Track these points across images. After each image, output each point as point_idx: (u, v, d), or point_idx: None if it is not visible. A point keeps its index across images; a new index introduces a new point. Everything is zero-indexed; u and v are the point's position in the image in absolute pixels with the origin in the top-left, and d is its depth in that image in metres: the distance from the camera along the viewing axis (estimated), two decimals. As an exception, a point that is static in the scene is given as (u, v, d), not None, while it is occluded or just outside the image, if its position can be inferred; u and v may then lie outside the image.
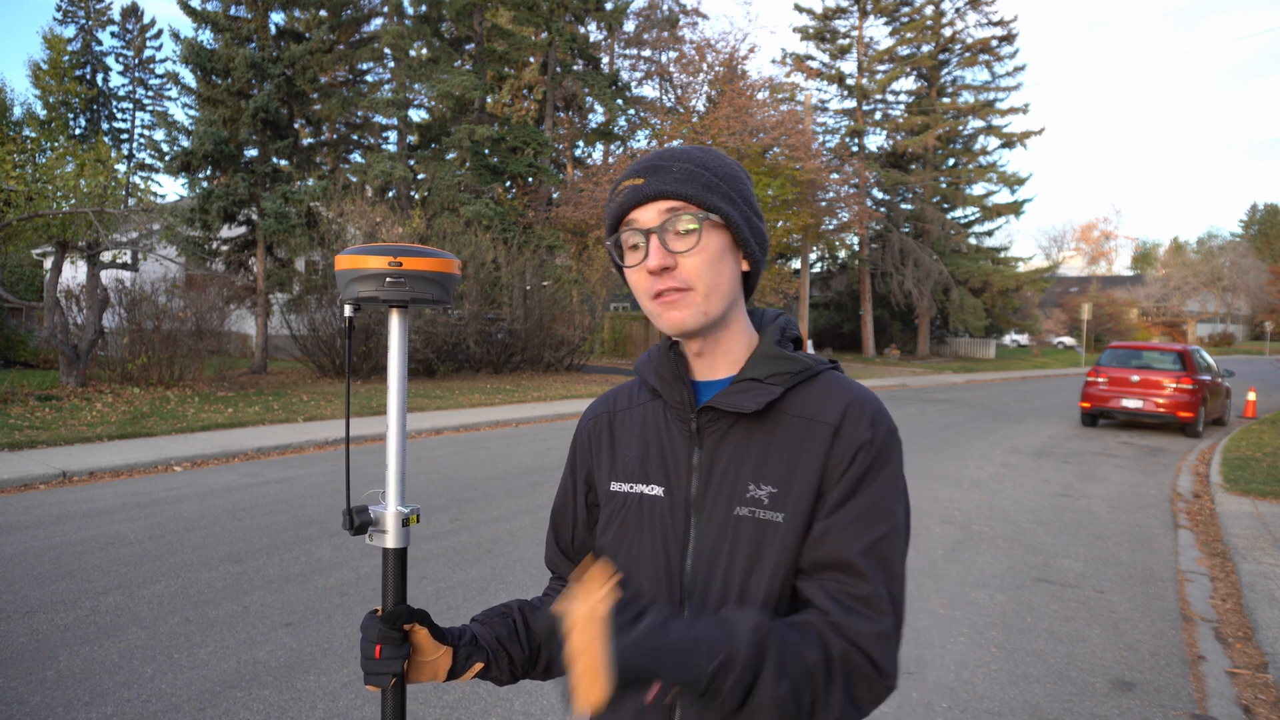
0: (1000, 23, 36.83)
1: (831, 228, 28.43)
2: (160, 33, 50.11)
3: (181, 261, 19.55)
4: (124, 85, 49.70)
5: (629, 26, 30.95)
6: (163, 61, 49.36)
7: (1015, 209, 37.58)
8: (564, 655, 0.92)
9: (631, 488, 1.15)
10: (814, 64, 37.63)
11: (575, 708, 0.90)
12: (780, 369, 1.09)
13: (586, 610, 0.91)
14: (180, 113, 58.86)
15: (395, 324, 1.12)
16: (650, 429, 1.17)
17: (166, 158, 22.23)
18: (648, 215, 1.06)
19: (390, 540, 1.11)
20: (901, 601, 1.02)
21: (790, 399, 1.09)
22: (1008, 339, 52.05)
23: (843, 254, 39.55)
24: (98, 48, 48.18)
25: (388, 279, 1.06)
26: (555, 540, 1.30)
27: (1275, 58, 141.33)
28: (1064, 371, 32.44)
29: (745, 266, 1.12)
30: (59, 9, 46.54)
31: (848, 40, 37.41)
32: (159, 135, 43.23)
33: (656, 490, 1.12)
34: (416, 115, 26.07)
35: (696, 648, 0.92)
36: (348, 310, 1.12)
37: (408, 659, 1.09)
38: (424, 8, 22.29)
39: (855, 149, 35.99)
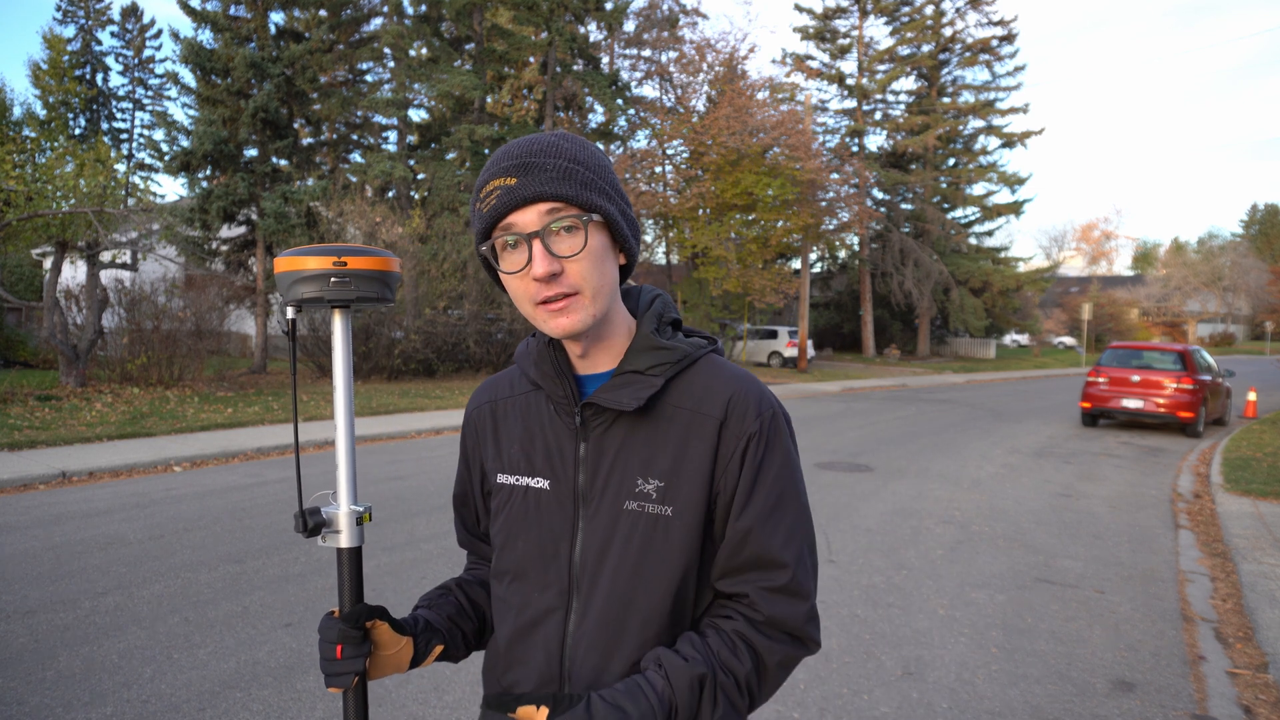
0: (1000, 23, 36.82)
1: (831, 228, 28.43)
2: (160, 33, 50.11)
3: (181, 261, 19.55)
4: (124, 85, 49.66)
5: (629, 26, 30.94)
6: (162, 61, 49.34)
7: (1015, 209, 37.57)
8: None
9: (518, 480, 1.15)
10: (814, 64, 37.62)
11: None
12: (660, 359, 1.09)
13: None
14: (180, 113, 58.83)
15: (338, 324, 1.11)
16: (533, 420, 1.16)
17: (166, 158, 22.23)
18: (527, 218, 1.01)
19: (344, 540, 1.11)
20: (816, 570, 1.10)
21: (672, 389, 1.09)
22: (1008, 339, 52.03)
23: (843, 254, 39.53)
24: (97, 48, 48.16)
25: (332, 279, 1.05)
26: (464, 524, 1.33)
27: (1275, 58, 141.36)
28: (1064, 371, 32.44)
29: (622, 260, 1.11)
30: (59, 9, 46.52)
31: (848, 40, 37.39)
32: (159, 135, 43.21)
33: (543, 483, 1.13)
34: (416, 115, 26.08)
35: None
36: (290, 312, 1.11)
37: (369, 656, 1.10)
38: (424, 8, 22.29)
39: (855, 149, 35.98)
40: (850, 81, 37.25)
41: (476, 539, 1.32)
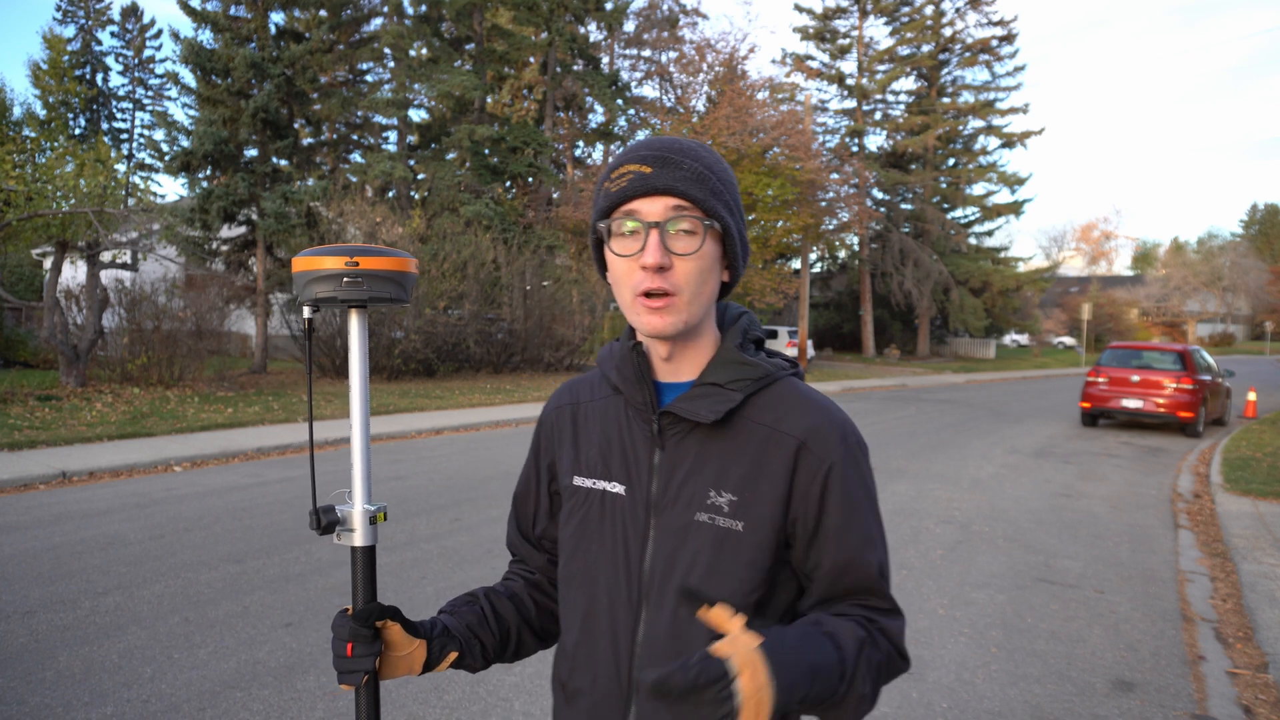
0: (1000, 23, 36.82)
1: (831, 228, 28.42)
2: (160, 33, 50.11)
3: (181, 261, 19.54)
4: (124, 85, 49.68)
5: (629, 26, 30.95)
6: (163, 61, 49.34)
7: (1015, 209, 37.58)
8: (735, 696, 0.87)
9: (594, 483, 1.15)
10: (814, 64, 37.63)
11: None
12: (742, 374, 1.09)
13: (744, 653, 0.89)
14: (180, 113, 58.78)
15: (355, 324, 1.12)
16: (612, 425, 1.16)
17: (166, 158, 22.21)
18: (653, 208, 1.03)
19: (358, 538, 1.11)
20: None
21: (751, 405, 1.09)
22: (1008, 339, 52.03)
23: (843, 254, 39.55)
24: (98, 48, 48.16)
25: (344, 279, 1.06)
26: (517, 525, 1.31)
27: (1275, 58, 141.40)
28: (1064, 371, 32.44)
29: (726, 277, 1.11)
30: (59, 9, 46.52)
31: (848, 40, 37.40)
32: (159, 135, 43.13)
33: (618, 488, 1.13)
34: (416, 115, 26.06)
35: (825, 670, 0.95)
36: (306, 311, 1.12)
37: (380, 656, 1.10)
38: (424, 8, 22.29)
39: (855, 149, 35.98)
40: (850, 81, 37.26)
41: (528, 542, 1.30)
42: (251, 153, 18.67)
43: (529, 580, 1.30)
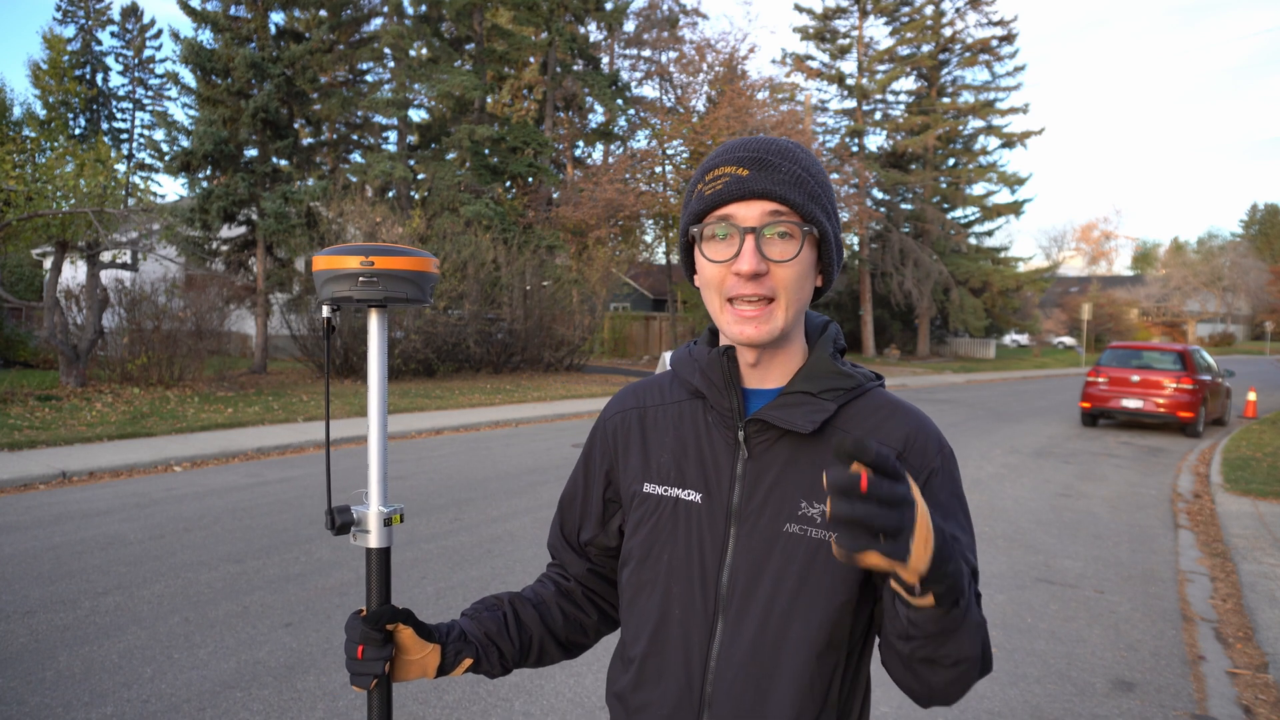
0: (1000, 23, 36.81)
1: (831, 228, 28.34)
2: (160, 33, 50.11)
3: (181, 261, 19.54)
4: (124, 85, 49.67)
5: (629, 26, 30.93)
6: (163, 61, 49.33)
7: (1015, 209, 37.58)
8: (915, 505, 0.80)
9: (667, 490, 1.11)
10: (814, 64, 37.61)
11: (912, 560, 0.80)
12: (834, 384, 1.06)
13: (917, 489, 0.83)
14: (180, 113, 58.81)
15: (374, 324, 1.12)
16: (688, 430, 1.12)
17: (166, 158, 22.21)
18: (750, 212, 1.00)
19: (373, 540, 1.11)
20: None
21: (842, 414, 1.06)
22: (1008, 339, 52.03)
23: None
24: (97, 48, 48.15)
25: (360, 278, 1.06)
26: (561, 528, 1.27)
27: (1275, 58, 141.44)
28: (1064, 371, 32.44)
29: (819, 282, 1.08)
30: (59, 9, 46.52)
31: (848, 40, 37.38)
32: (159, 135, 43.13)
33: (694, 496, 1.08)
34: (416, 115, 26.05)
35: (959, 555, 0.90)
36: (325, 311, 1.12)
37: (392, 659, 1.09)
38: (424, 8, 22.29)
39: (855, 149, 35.97)
40: (850, 81, 37.25)
41: (570, 548, 1.26)
42: (251, 153, 18.67)
43: (561, 588, 1.27)
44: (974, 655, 0.95)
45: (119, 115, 49.47)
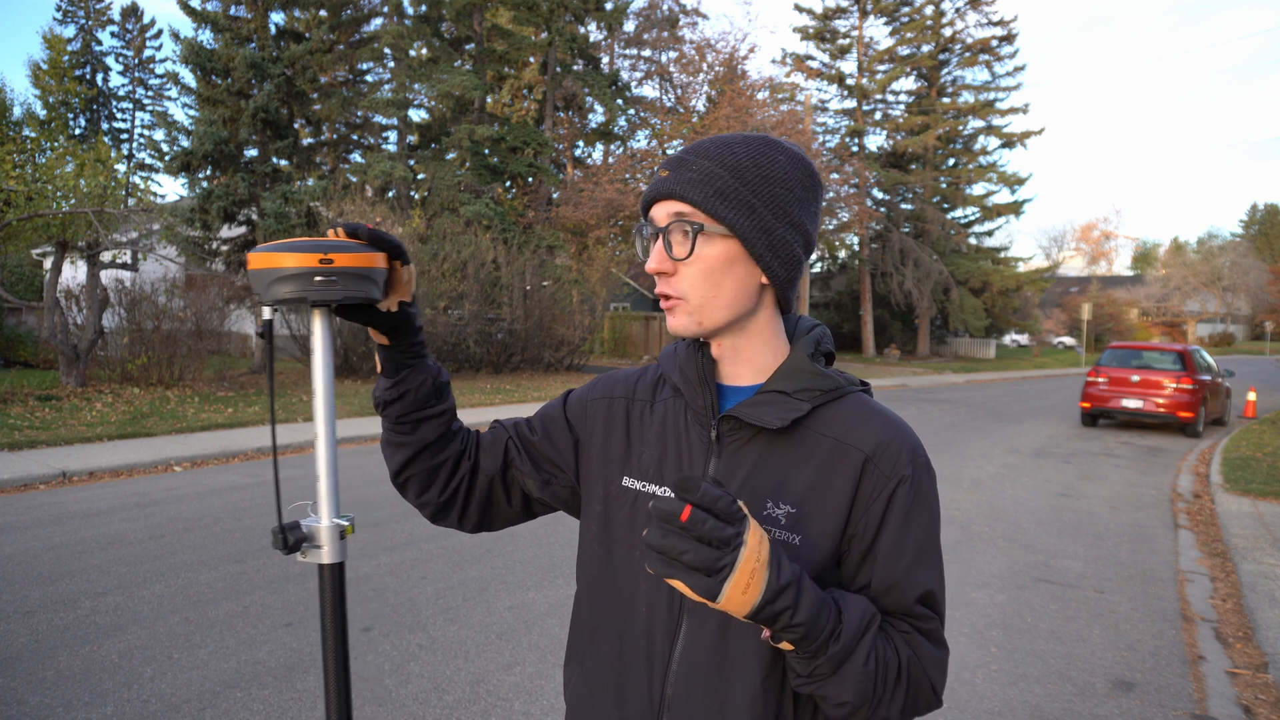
0: (1000, 23, 36.81)
1: (831, 228, 28.44)
2: (160, 33, 50.11)
3: (181, 261, 19.53)
4: (124, 85, 49.66)
5: (629, 26, 30.92)
6: (163, 61, 49.34)
7: (1015, 209, 37.58)
8: (741, 547, 0.83)
9: (645, 486, 1.11)
10: (814, 64, 37.61)
11: (724, 601, 0.83)
12: (811, 384, 1.05)
13: (757, 527, 0.86)
14: (180, 113, 58.86)
15: (319, 325, 1.04)
16: (670, 429, 1.12)
17: (166, 158, 22.23)
18: (660, 213, 1.03)
19: (326, 556, 1.03)
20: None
21: (817, 416, 1.05)
22: (1008, 339, 52.04)
23: (843, 254, 39.54)
24: (98, 48, 48.16)
25: (317, 278, 0.96)
26: (520, 423, 1.23)
27: (1275, 58, 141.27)
28: (1064, 371, 32.44)
29: (764, 280, 1.04)
30: (59, 9, 46.52)
31: (848, 40, 37.38)
32: (159, 135, 43.17)
33: (669, 493, 1.08)
34: (416, 115, 26.05)
35: (825, 605, 0.91)
36: (266, 313, 1.02)
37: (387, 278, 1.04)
38: (424, 8, 22.29)
39: (855, 149, 35.97)
40: (850, 81, 37.25)
41: (513, 439, 1.21)
42: (251, 153, 18.67)
43: (481, 439, 1.23)
44: (857, 702, 0.94)
45: (119, 115, 49.49)
